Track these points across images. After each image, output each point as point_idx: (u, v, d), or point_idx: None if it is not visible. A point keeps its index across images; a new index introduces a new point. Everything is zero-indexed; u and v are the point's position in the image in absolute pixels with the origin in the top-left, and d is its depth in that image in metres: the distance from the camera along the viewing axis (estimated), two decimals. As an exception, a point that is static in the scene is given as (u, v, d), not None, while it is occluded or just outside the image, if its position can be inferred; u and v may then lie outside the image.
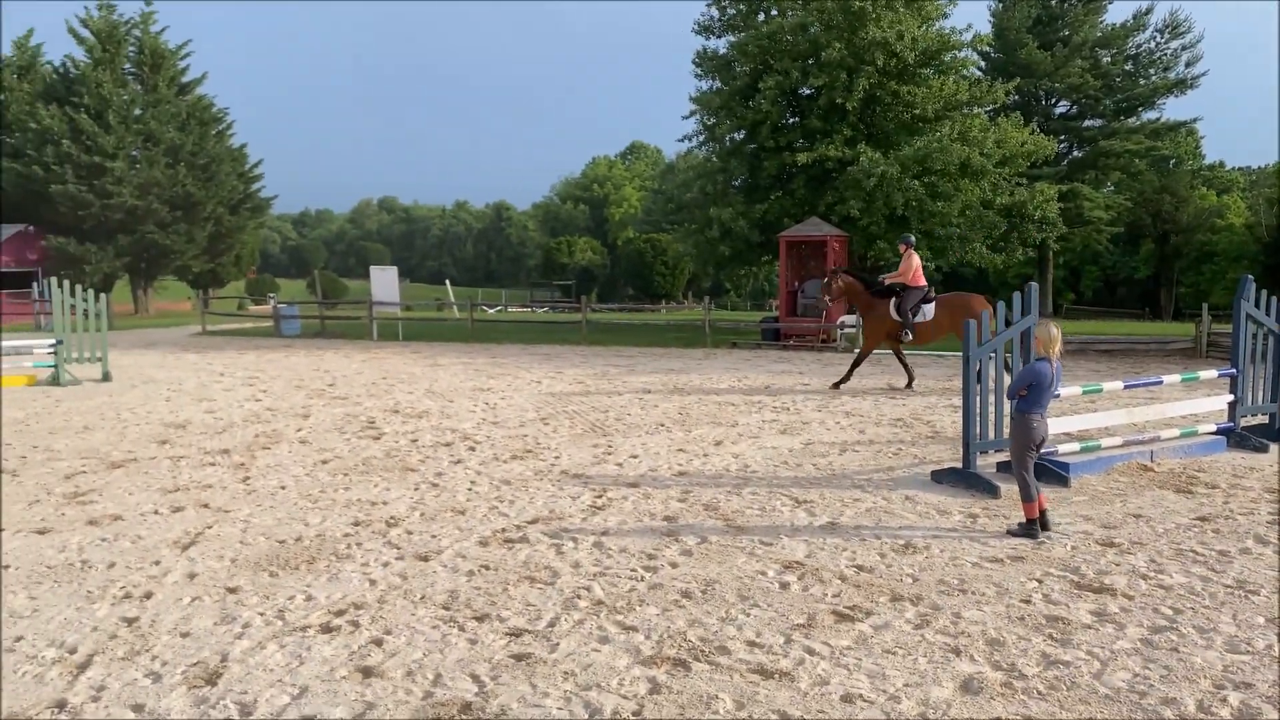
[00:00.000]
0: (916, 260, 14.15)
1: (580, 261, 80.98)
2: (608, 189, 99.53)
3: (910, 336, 13.95)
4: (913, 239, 14.85)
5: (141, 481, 8.21)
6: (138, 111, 41.01)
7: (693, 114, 28.84)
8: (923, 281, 14.15)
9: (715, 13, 28.88)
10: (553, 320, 36.19)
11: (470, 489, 7.86)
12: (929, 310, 13.97)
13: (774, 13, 27.36)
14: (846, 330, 21.93)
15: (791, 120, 27.30)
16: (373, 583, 5.50)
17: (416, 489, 7.87)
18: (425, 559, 5.94)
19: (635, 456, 9.17)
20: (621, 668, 4.31)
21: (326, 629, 4.79)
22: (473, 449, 9.63)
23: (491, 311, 46.94)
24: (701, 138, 29.18)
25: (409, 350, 22.08)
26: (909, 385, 14.30)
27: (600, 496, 7.55)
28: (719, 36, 29.07)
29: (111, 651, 4.53)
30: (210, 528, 6.69)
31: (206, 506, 7.31)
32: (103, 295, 16.78)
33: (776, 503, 7.34)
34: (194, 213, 41.45)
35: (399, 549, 6.16)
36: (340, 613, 5.01)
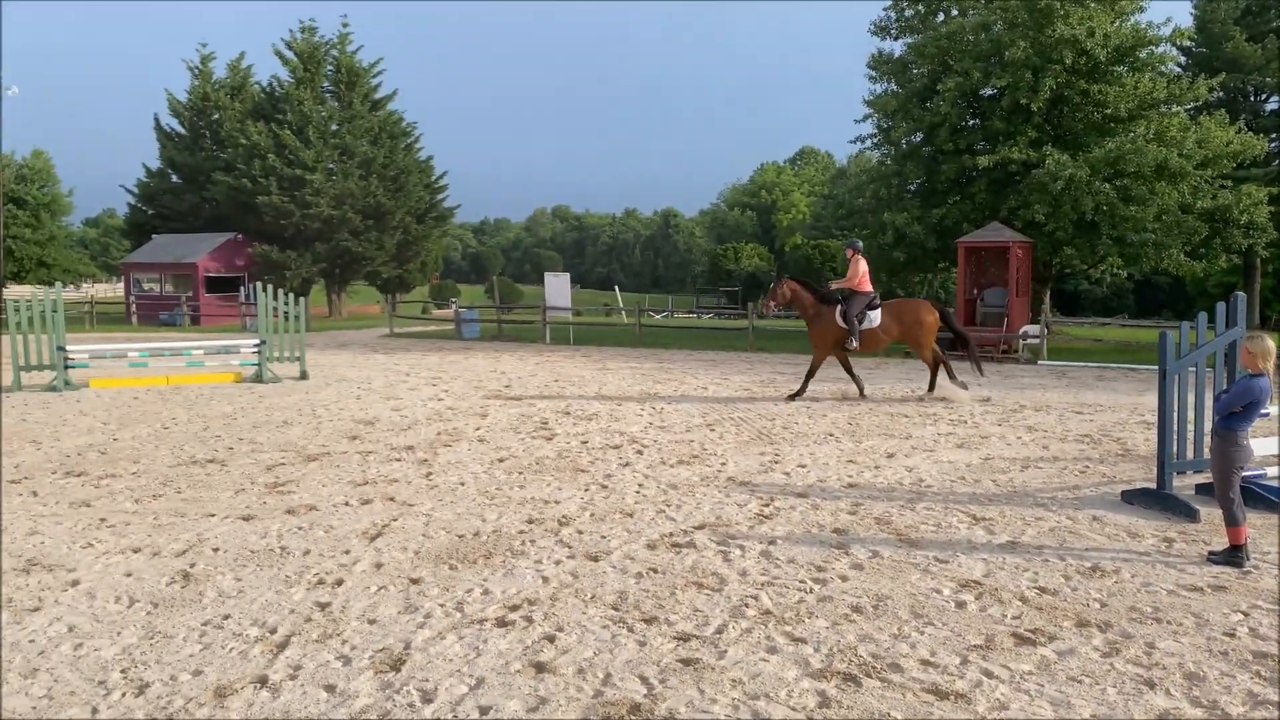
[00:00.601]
0: (863, 265, 13.88)
1: (747, 267, 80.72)
2: (775, 195, 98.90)
3: (856, 344, 13.66)
4: (860, 244, 14.46)
5: (334, 474, 8.73)
6: (334, 127, 43.67)
7: (867, 118, 28.30)
8: (869, 287, 13.88)
9: (892, 14, 28.27)
10: (719, 326, 36.19)
11: (638, 492, 7.96)
12: (875, 317, 13.71)
13: (954, 12, 26.54)
14: (1029, 341, 20.96)
15: (972, 122, 26.39)
16: (545, 580, 5.65)
17: (586, 490, 8.04)
18: (595, 559, 6.06)
19: (803, 466, 9.06)
20: (790, 679, 4.27)
21: (502, 623, 4.96)
22: (640, 452, 9.75)
23: (658, 317, 47.42)
24: (875, 140, 28.59)
25: (579, 354, 22.58)
26: (861, 394, 14.12)
27: (767, 505, 7.50)
28: (895, 38, 28.45)
29: (307, 634, 4.84)
30: (395, 520, 7.05)
31: (392, 500, 7.70)
32: (301, 299, 17.96)
33: (952, 519, 7.10)
34: (384, 222, 43.75)
35: (570, 548, 6.31)
36: (515, 608, 5.18)
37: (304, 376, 16.93)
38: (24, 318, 15.71)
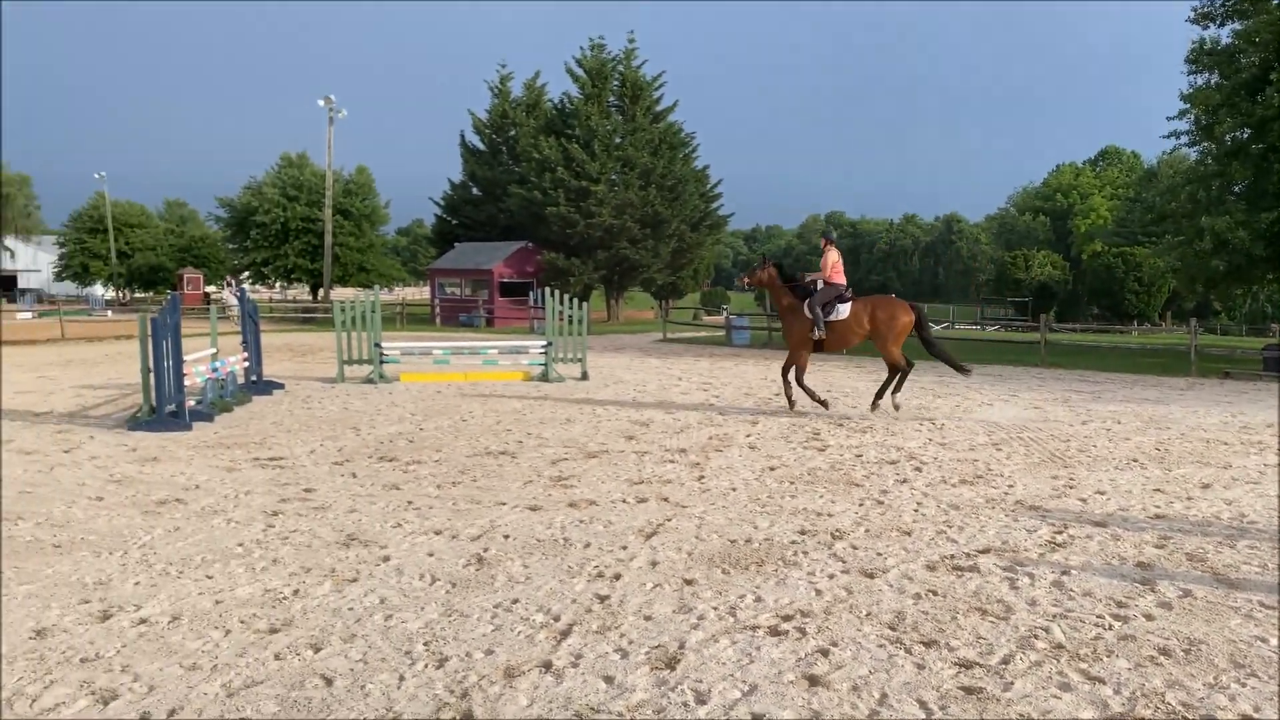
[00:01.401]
0: (834, 256, 13.20)
1: (1038, 276, 75.72)
2: (1073, 198, 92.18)
3: (819, 334, 12.86)
4: (833, 234, 13.76)
5: (612, 471, 9.06)
6: (618, 140, 45.53)
7: (1183, 114, 25.77)
8: (840, 279, 13.16)
9: (1216, -1, 25.59)
10: (1005, 339, 34.27)
11: (916, 510, 7.66)
12: (844, 310, 12.90)
13: (1294, -9, 23.63)
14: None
15: (1313, 115, 23.35)
16: (818, 592, 5.56)
17: (861, 504, 7.84)
18: (870, 576, 5.89)
19: (1102, 493, 8.35)
20: (1086, 722, 3.94)
21: (775, 632, 4.92)
22: (919, 469, 9.39)
23: (937, 328, 45.54)
24: (1191, 138, 25.98)
25: (853, 364, 22.12)
26: (800, 402, 13.45)
27: (1060, 533, 6.97)
28: (1220, 25, 25.71)
29: (587, 624, 5.04)
30: (669, 520, 7.20)
31: (666, 500, 7.88)
32: (584, 303, 18.83)
33: (1282, 561, 6.28)
34: (660, 230, 45.09)
35: (844, 562, 6.17)
36: (787, 618, 5.13)
37: (585, 377, 17.73)
38: (348, 318, 17.55)
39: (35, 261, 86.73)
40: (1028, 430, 11.91)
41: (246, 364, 15.44)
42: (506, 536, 6.77)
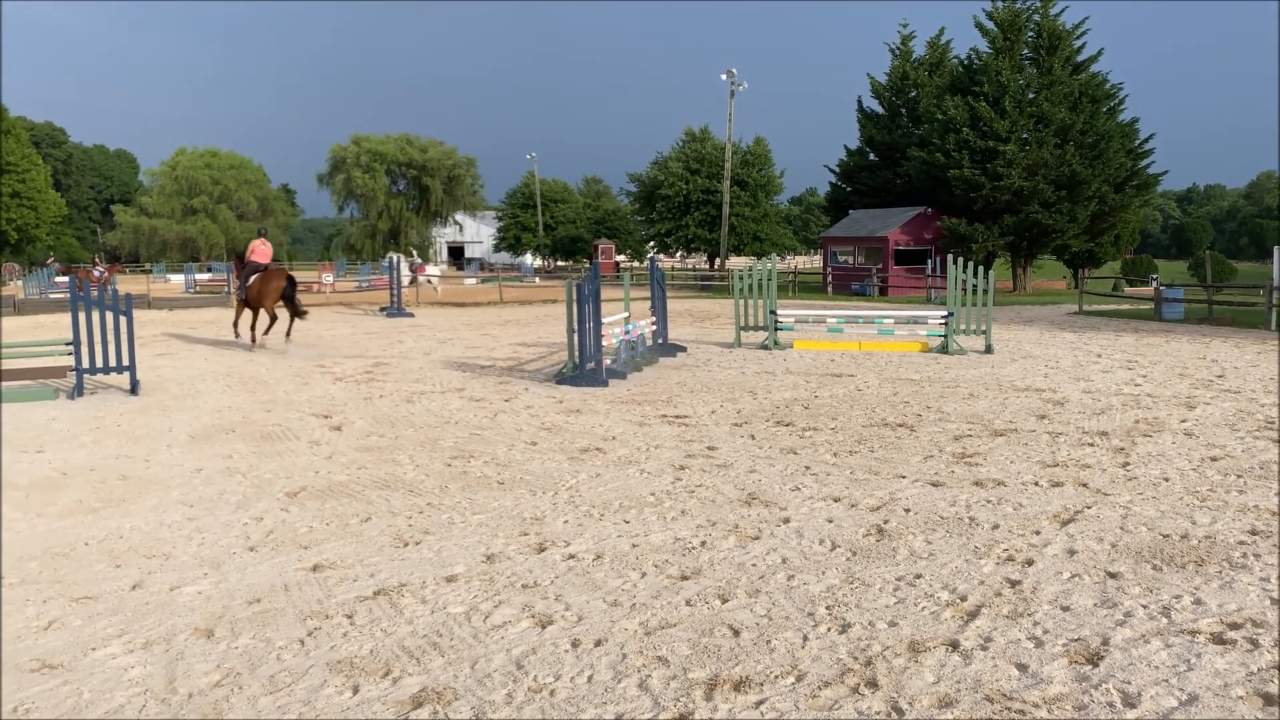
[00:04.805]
0: (254, 244, 18.52)
1: None
2: None
3: (245, 295, 17.88)
4: (263, 230, 19.63)
5: (1021, 452, 8.52)
6: (1031, 95, 42.36)
7: None
8: (260, 259, 18.19)
9: None
10: None
11: None
12: (252, 280, 17.77)
13: None
14: None
15: None
16: (1274, 602, 4.85)
17: (1330, 506, 6.70)
18: (1344, 591, 5.02)
19: None
20: None
21: (1219, 640, 4.37)
22: None
23: None
24: None
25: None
26: (251, 344, 17.97)
27: None
28: None
29: (996, 608, 4.79)
30: (1089, 508, 6.64)
31: (1085, 486, 7.26)
32: (989, 272, 17.81)
33: None
34: (1078, 192, 41.38)
35: (1308, 572, 5.32)
36: (1235, 626, 4.53)
37: (989, 350, 16.82)
38: (745, 285, 18.08)
39: (479, 234, 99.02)
40: None
41: (654, 327, 16.47)
42: (907, 510, 6.63)
